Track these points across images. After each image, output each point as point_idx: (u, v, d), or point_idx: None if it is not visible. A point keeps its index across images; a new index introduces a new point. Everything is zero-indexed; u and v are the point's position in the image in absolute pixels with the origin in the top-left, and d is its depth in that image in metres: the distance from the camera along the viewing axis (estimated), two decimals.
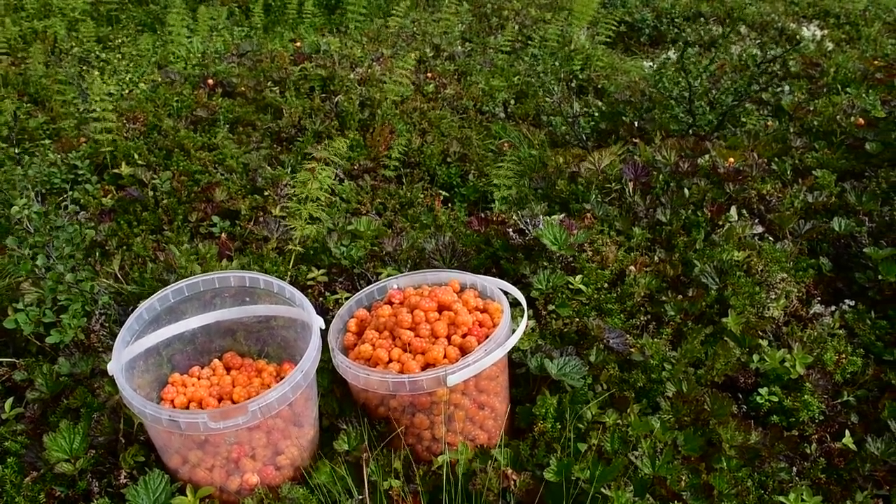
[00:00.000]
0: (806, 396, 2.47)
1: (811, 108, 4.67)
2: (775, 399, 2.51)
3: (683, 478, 2.07)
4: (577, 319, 2.68)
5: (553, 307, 2.72)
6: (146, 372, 2.29)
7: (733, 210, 3.31)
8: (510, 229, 3.01)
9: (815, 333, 2.77)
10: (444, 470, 2.04)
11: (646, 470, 2.08)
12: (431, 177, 4.27)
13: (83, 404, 2.35)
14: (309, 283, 2.91)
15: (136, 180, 3.86)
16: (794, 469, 2.26)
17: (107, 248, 3.28)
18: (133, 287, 2.94)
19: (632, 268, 2.95)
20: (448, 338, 2.20)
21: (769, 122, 4.64)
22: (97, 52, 5.78)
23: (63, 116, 4.82)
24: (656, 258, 3.07)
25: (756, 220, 3.32)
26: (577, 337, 2.64)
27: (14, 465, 2.18)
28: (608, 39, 6.95)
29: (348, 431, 2.21)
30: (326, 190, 3.13)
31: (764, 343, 2.70)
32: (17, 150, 4.12)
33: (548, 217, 3.08)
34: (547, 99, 5.26)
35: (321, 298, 2.82)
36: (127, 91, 4.95)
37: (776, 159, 3.86)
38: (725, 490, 2.07)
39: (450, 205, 3.98)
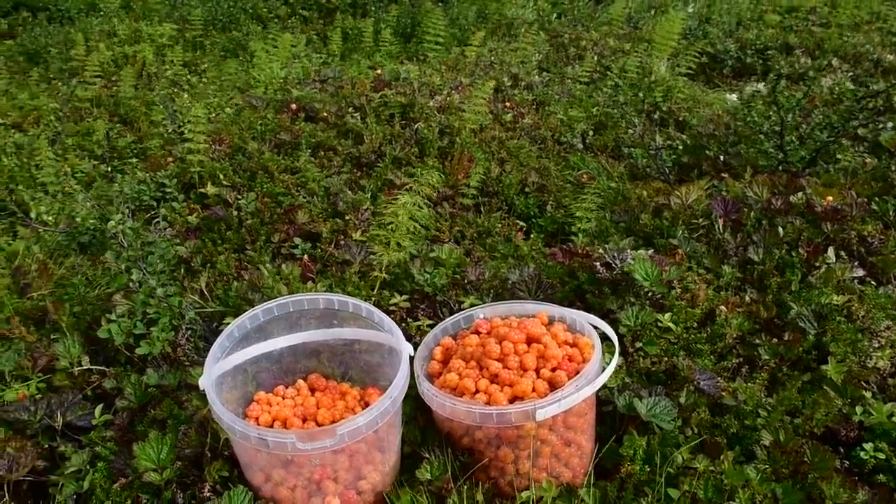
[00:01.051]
0: None
1: None
2: (882, 456, 2.30)
3: None
4: (666, 359, 2.60)
5: (641, 345, 2.65)
6: (233, 388, 2.31)
7: (831, 251, 3.16)
8: (597, 262, 2.95)
9: None
10: None
11: None
12: (509, 206, 4.23)
13: (170, 415, 2.40)
14: (391, 308, 2.89)
15: (220, 200, 3.91)
16: None
17: (192, 264, 3.32)
18: (217, 305, 2.97)
19: (722, 307, 2.85)
20: (537, 371, 2.15)
21: (867, 160, 4.42)
22: (185, 76, 5.91)
23: (150, 136, 4.93)
24: (748, 298, 2.96)
25: (856, 263, 3.13)
26: (666, 377, 2.56)
27: (104, 471, 2.23)
28: (689, 71, 6.80)
29: (431, 461, 2.17)
30: (414, 218, 3.12)
31: (868, 395, 2.52)
32: (108, 168, 4.22)
33: (636, 251, 3.01)
34: (629, 130, 5.18)
35: (403, 325, 2.79)
36: (214, 115, 5.04)
37: (876, 199, 3.64)
38: None
39: (529, 235, 3.93)
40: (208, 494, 2.11)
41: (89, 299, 3.02)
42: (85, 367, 2.66)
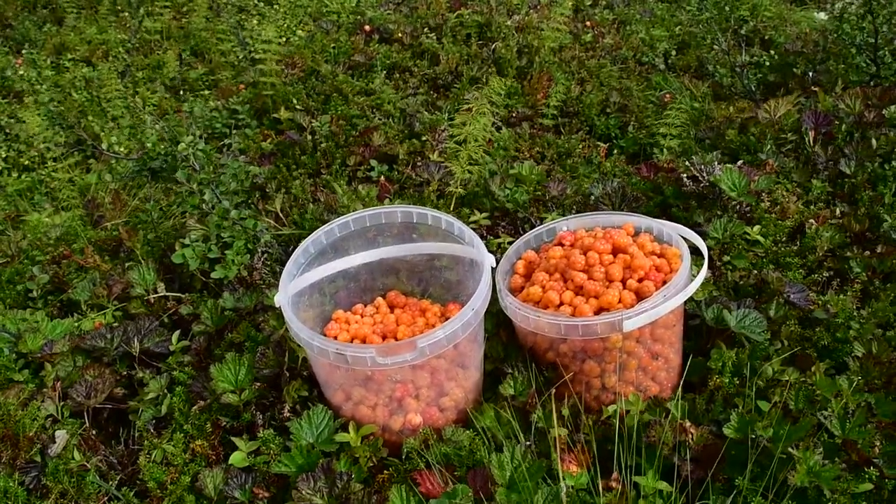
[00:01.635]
0: None
1: None
2: None
3: (877, 443, 1.89)
4: (755, 272, 2.52)
5: (728, 258, 2.57)
6: (310, 307, 2.28)
7: None
8: (683, 175, 2.85)
9: None
10: (616, 420, 1.94)
11: (836, 432, 1.91)
12: (590, 127, 4.12)
13: (247, 338, 2.39)
14: (472, 226, 2.84)
15: (294, 125, 3.89)
16: None
17: (267, 190, 3.31)
18: (293, 228, 2.96)
19: (812, 221, 2.75)
20: (623, 282, 2.08)
21: None
22: (255, 2, 5.86)
23: (222, 67, 4.91)
24: (838, 212, 2.86)
25: None
26: (754, 291, 2.48)
27: (182, 395, 2.22)
28: None
29: (514, 376, 2.14)
30: (486, 131, 3.04)
31: None
32: (180, 92, 4.21)
33: (724, 165, 2.90)
34: (713, 49, 4.98)
35: (485, 241, 2.74)
36: (284, 39, 4.99)
37: None
38: None
39: (612, 156, 3.83)
40: (288, 415, 2.10)
41: (163, 227, 3.03)
42: (160, 294, 2.67)
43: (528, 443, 1.94)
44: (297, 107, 4.01)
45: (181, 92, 4.49)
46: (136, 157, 3.05)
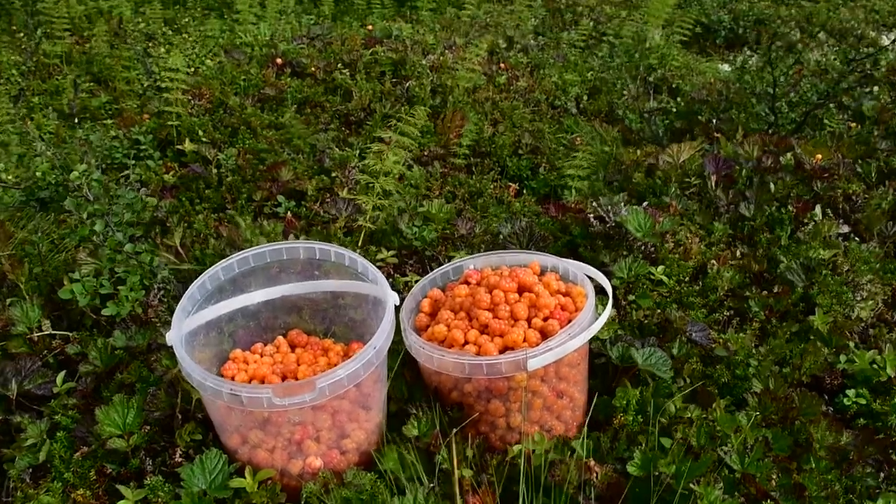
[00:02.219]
0: None
1: (895, 112, 4.48)
2: (863, 401, 2.40)
3: (774, 477, 1.95)
4: (659, 311, 2.56)
5: (633, 297, 2.60)
6: (206, 346, 2.18)
7: (818, 209, 3.16)
8: (590, 216, 2.88)
9: None
10: (521, 460, 1.91)
11: (735, 467, 1.95)
12: (502, 168, 4.14)
13: (139, 379, 2.24)
14: (378, 263, 2.79)
15: (199, 157, 3.78)
16: (882, 475, 2.13)
17: (168, 224, 3.19)
18: (194, 264, 2.85)
19: (714, 262, 2.83)
20: (528, 321, 2.07)
21: (852, 125, 4.47)
22: (164, 30, 5.74)
23: (127, 96, 4.77)
24: (739, 253, 2.95)
25: (841, 221, 3.17)
26: (658, 329, 2.52)
27: (64, 440, 2.06)
28: (684, 38, 6.79)
29: (418, 416, 2.09)
30: (400, 164, 3.01)
31: (851, 344, 2.58)
32: (76, 120, 4.04)
33: (631, 206, 2.95)
34: (623, 95, 5.11)
35: (391, 280, 2.70)
36: (192, 69, 4.89)
37: (860, 161, 3.70)
38: (815, 492, 1.94)
39: (521, 196, 3.85)
40: (180, 460, 1.99)
41: (53, 261, 2.85)
42: (45, 332, 2.48)
43: (431, 485, 1.89)
44: (203, 139, 3.90)
45: (77, 120, 4.32)
46: (24, 187, 2.89)
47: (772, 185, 3.26)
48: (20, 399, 2.24)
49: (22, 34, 5.82)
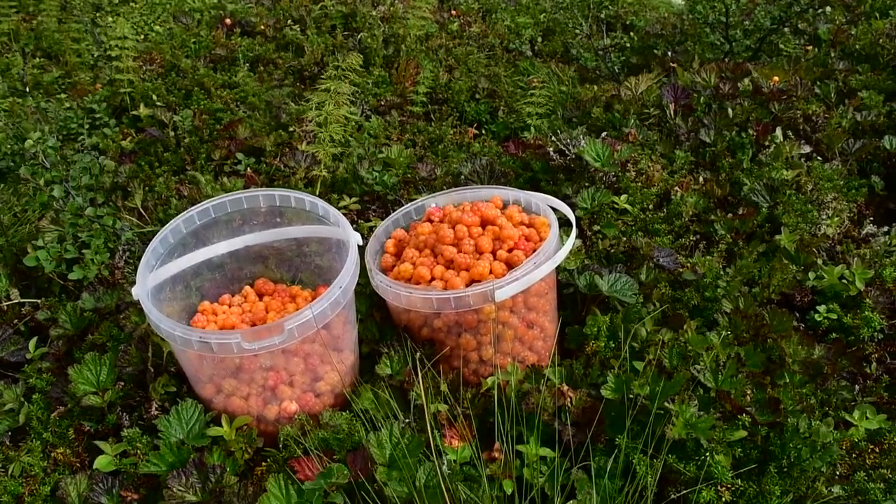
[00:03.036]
0: (866, 313, 2.35)
1: (851, 34, 4.48)
2: (834, 316, 2.40)
3: (748, 392, 1.95)
4: (624, 239, 2.56)
5: (598, 227, 2.60)
6: (173, 300, 2.17)
7: (779, 131, 3.15)
8: (550, 150, 2.87)
9: (871, 252, 2.65)
10: (495, 391, 1.92)
11: (709, 384, 1.95)
12: (460, 113, 4.11)
13: (109, 338, 2.25)
14: (342, 211, 2.76)
15: (155, 121, 3.72)
16: (857, 387, 2.15)
17: (129, 189, 3.15)
18: (157, 225, 2.83)
19: (677, 188, 2.83)
20: (493, 253, 2.07)
21: (808, 48, 4.46)
22: (111, 0, 5.61)
23: (79, 68, 4.67)
24: (701, 179, 2.95)
25: (803, 141, 3.16)
26: (625, 257, 2.53)
27: (40, 402, 2.08)
28: None
29: (390, 355, 2.09)
30: (349, 112, 2.98)
31: (819, 261, 2.60)
32: (27, 89, 3.96)
33: (589, 137, 2.94)
34: (577, 34, 5.08)
35: (354, 226, 2.68)
36: (142, 36, 4.80)
37: (819, 83, 3.70)
38: (790, 406, 1.95)
39: (481, 138, 3.83)
40: (156, 413, 1.99)
41: (17, 232, 2.83)
42: (14, 301, 2.49)
43: (407, 420, 1.90)
44: (158, 103, 3.84)
45: (30, 92, 4.23)
46: None
47: (730, 111, 3.26)
48: None
49: None
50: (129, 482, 1.84)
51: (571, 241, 2.09)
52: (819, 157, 3.12)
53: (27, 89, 4.03)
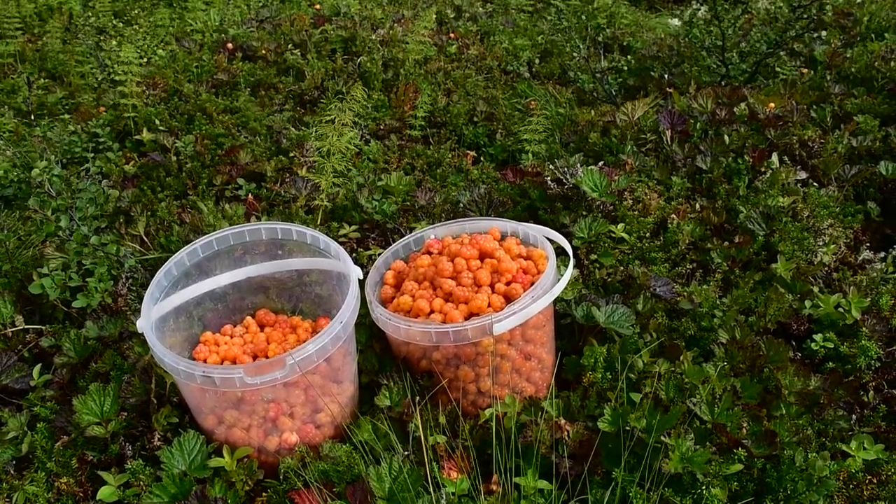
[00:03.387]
0: (863, 342, 2.36)
1: (847, 56, 4.51)
2: (831, 345, 2.41)
3: (745, 425, 1.96)
4: (621, 268, 2.59)
5: (595, 256, 2.63)
6: (176, 331, 2.21)
7: (775, 156, 3.18)
8: (548, 178, 2.90)
9: (868, 279, 2.67)
10: (493, 423, 1.94)
11: (705, 417, 1.97)
12: (458, 136, 4.15)
13: (113, 367, 2.28)
14: (341, 239, 2.81)
15: (158, 146, 3.77)
16: (854, 417, 2.16)
17: (131, 213, 3.19)
18: (160, 251, 2.86)
19: (674, 216, 2.85)
20: (492, 286, 2.10)
21: (804, 71, 4.49)
22: (114, 23, 5.66)
23: (82, 90, 4.72)
24: (698, 206, 2.97)
25: (799, 167, 3.18)
26: (622, 286, 2.54)
27: (44, 431, 2.10)
28: None
29: (389, 386, 2.12)
30: (351, 143, 3.02)
31: (815, 289, 2.60)
32: (32, 117, 4.00)
33: (586, 166, 2.97)
34: (574, 56, 5.12)
35: (354, 255, 2.72)
36: (145, 60, 4.84)
37: (814, 107, 3.73)
38: (787, 438, 1.96)
39: (479, 164, 3.87)
40: (158, 443, 2.02)
41: (21, 257, 2.86)
42: (19, 328, 2.51)
43: (406, 453, 1.92)
44: (160, 128, 3.89)
45: (33, 117, 4.28)
46: None
47: (727, 137, 3.28)
48: (0, 394, 2.27)
49: None
50: None
51: (569, 273, 2.12)
52: (815, 183, 3.14)
53: (32, 117, 4.07)
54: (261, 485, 1.95)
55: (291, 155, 3.57)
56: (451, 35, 5.37)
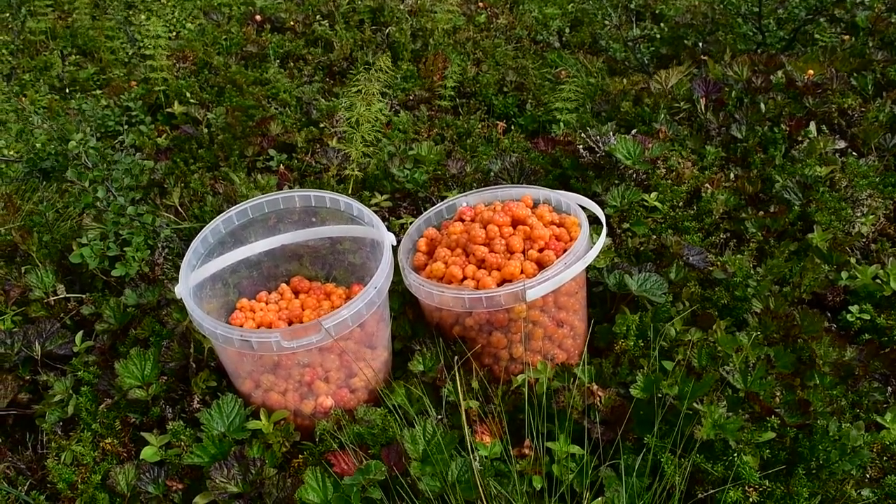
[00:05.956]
0: None
1: (892, 21, 4.37)
2: (867, 317, 2.38)
3: (778, 394, 1.95)
4: (654, 237, 2.57)
5: (628, 225, 2.62)
6: (213, 298, 2.24)
7: (812, 125, 3.13)
8: (580, 147, 2.88)
9: None
10: (525, 389, 1.95)
11: (738, 385, 1.97)
12: (488, 107, 4.14)
13: (152, 333, 2.33)
14: (373, 208, 2.83)
15: (189, 118, 3.80)
16: (889, 389, 2.12)
17: (164, 185, 3.23)
18: (193, 222, 2.89)
19: (707, 185, 2.83)
20: (524, 252, 2.10)
21: (845, 38, 4.38)
22: None
23: (112, 65, 4.75)
24: (732, 175, 2.94)
25: (837, 136, 3.12)
26: (654, 255, 2.53)
27: (88, 394, 2.16)
28: None
29: (423, 352, 2.13)
30: (381, 113, 3.02)
31: (852, 260, 2.57)
32: (67, 91, 4.05)
33: (619, 134, 2.95)
34: (606, 23, 5.06)
35: (386, 223, 2.72)
36: (174, 34, 4.87)
37: (855, 74, 3.61)
38: (820, 408, 1.95)
39: (510, 133, 3.85)
40: (197, 406, 2.06)
41: (60, 228, 2.92)
42: (61, 296, 2.58)
43: (439, 417, 1.94)
44: (191, 100, 3.92)
45: (68, 91, 4.32)
46: (26, 159, 2.93)
47: (762, 105, 3.23)
48: (44, 359, 2.33)
49: (7, 14, 5.76)
50: (174, 472, 1.92)
51: (602, 240, 2.12)
52: (854, 153, 3.08)
53: (67, 91, 4.11)
54: (297, 446, 1.99)
55: (321, 126, 3.59)
56: (480, 4, 5.35)
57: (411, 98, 4.02)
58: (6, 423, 2.25)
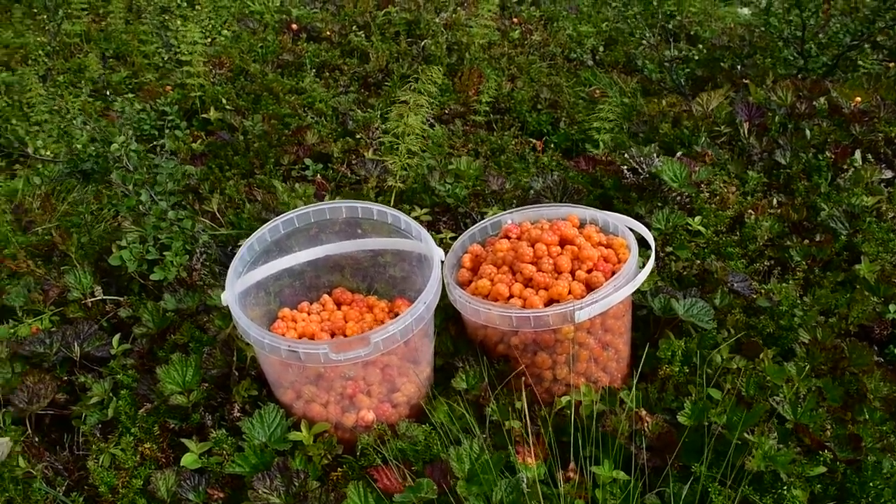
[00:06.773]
0: None
1: None
2: None
3: (828, 427, 1.92)
4: (697, 262, 2.55)
5: (671, 248, 2.59)
6: (256, 306, 2.23)
7: (858, 154, 3.09)
8: (623, 168, 2.86)
9: None
10: (570, 411, 1.93)
11: (788, 417, 1.93)
12: (521, 124, 4.12)
13: (191, 339, 2.32)
14: None
15: (225, 125, 3.80)
16: None
17: (200, 191, 3.22)
18: (230, 229, 2.89)
19: (751, 211, 2.80)
20: (572, 273, 2.08)
21: (890, 65, 4.34)
22: (178, 2, 5.72)
23: (146, 69, 4.77)
24: (776, 202, 2.90)
25: (884, 165, 3.09)
26: (697, 280, 2.50)
27: (128, 398, 2.15)
28: None
29: (466, 370, 2.11)
30: (423, 124, 3.01)
31: None
32: (108, 93, 4.07)
33: (665, 156, 2.92)
34: (641, 42, 5.04)
35: None
36: (210, 40, 4.88)
37: None
38: (870, 444, 1.91)
39: (545, 151, 3.83)
40: (238, 415, 2.05)
41: (96, 230, 2.93)
42: (98, 298, 2.57)
43: (483, 436, 1.92)
44: (227, 107, 3.92)
45: (108, 93, 4.34)
46: (64, 161, 2.93)
47: (807, 131, 3.19)
48: (82, 361, 2.33)
49: (44, 16, 5.81)
50: (215, 480, 1.90)
51: (651, 263, 2.09)
52: None
53: (108, 93, 4.13)
54: (338, 459, 1.96)
55: (358, 136, 3.58)
56: (515, 20, 5.34)
57: (446, 112, 4.00)
58: (43, 424, 2.24)
